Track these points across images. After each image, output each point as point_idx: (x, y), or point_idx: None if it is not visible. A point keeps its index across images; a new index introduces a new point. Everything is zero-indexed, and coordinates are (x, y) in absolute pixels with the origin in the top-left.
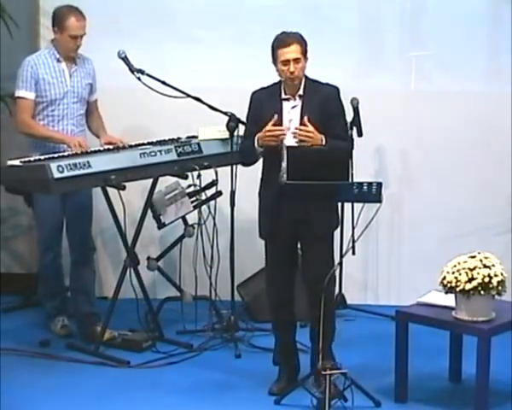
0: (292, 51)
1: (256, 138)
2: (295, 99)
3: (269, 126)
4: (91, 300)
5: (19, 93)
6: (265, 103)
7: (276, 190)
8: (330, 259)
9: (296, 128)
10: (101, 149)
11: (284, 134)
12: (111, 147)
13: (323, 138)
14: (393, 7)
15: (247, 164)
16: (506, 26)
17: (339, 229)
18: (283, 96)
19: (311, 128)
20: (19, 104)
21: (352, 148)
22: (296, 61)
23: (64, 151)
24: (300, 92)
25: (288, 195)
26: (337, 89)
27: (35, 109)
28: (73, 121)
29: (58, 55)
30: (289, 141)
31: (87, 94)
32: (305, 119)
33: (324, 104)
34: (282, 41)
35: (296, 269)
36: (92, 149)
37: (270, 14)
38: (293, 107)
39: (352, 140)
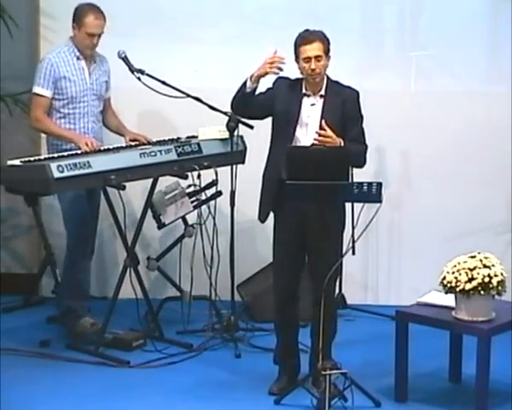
0: (314, 49)
1: (250, 75)
2: (316, 97)
3: (269, 56)
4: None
5: (35, 89)
6: (286, 92)
7: (278, 177)
8: (338, 258)
9: (316, 132)
10: (102, 149)
11: (282, 63)
12: (136, 143)
13: (342, 141)
14: (393, 7)
15: (236, 107)
16: (506, 26)
17: None
18: (304, 91)
19: (330, 132)
20: (34, 100)
21: (366, 152)
22: (317, 58)
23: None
24: (322, 92)
25: (288, 194)
26: (357, 92)
27: (54, 107)
28: (94, 119)
29: (78, 53)
30: (305, 141)
31: (104, 91)
32: (323, 123)
33: (344, 106)
34: (304, 38)
35: (302, 269)
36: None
37: (270, 14)
38: (313, 104)
39: (366, 145)
